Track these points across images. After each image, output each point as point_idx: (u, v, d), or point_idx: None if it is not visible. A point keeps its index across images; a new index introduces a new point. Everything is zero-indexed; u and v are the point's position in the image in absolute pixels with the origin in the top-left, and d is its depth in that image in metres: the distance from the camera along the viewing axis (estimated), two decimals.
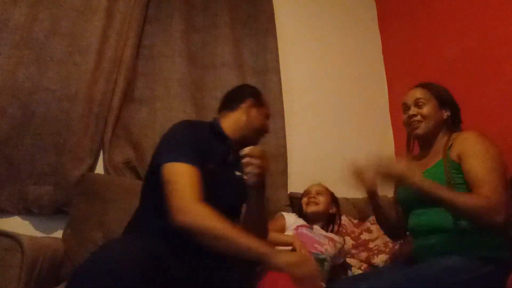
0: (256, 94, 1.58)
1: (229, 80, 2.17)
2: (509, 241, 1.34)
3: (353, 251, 1.94)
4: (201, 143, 1.30)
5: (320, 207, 1.91)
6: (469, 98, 2.00)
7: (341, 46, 2.65)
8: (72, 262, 1.55)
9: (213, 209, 1.12)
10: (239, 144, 1.43)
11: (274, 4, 2.42)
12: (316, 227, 1.85)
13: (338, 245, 1.82)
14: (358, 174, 1.44)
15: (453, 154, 1.38)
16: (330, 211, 1.94)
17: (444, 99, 1.51)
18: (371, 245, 1.93)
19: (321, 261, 1.69)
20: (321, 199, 1.93)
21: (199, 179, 1.19)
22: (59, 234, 1.70)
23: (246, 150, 1.27)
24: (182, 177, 1.18)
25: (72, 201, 1.70)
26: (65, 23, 1.88)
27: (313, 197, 1.93)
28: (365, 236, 1.98)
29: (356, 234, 1.99)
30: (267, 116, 1.58)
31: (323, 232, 1.84)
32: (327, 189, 1.99)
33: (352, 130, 2.51)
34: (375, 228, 2.01)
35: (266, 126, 1.56)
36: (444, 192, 1.26)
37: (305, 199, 1.95)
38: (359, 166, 1.43)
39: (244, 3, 2.37)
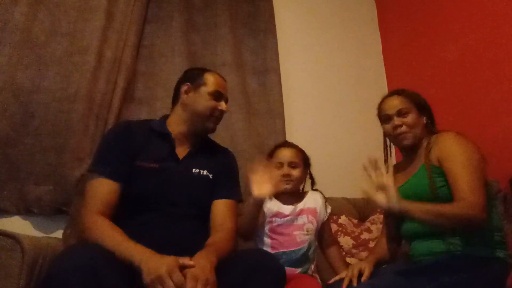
0: (193, 76, 1.42)
1: (229, 80, 2.16)
2: (509, 241, 1.34)
3: (353, 251, 1.94)
4: (135, 143, 1.34)
5: (294, 184, 1.54)
6: (469, 98, 2.01)
7: (341, 46, 2.65)
8: None
9: (102, 220, 1.18)
10: (192, 136, 1.41)
11: (274, 4, 2.42)
12: (289, 208, 1.52)
13: (319, 208, 1.56)
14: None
15: (433, 158, 1.37)
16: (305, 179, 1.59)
17: (421, 105, 1.49)
18: (371, 245, 1.93)
19: (305, 252, 1.51)
20: (295, 173, 1.54)
21: (106, 190, 1.24)
22: (59, 234, 1.70)
23: None
24: (89, 189, 1.26)
25: (72, 201, 1.69)
26: (65, 23, 1.88)
27: (287, 174, 1.52)
28: (365, 236, 1.98)
29: (356, 234, 1.99)
30: (213, 94, 1.38)
31: (299, 206, 1.54)
32: (299, 152, 1.58)
33: (352, 130, 2.51)
34: (375, 228, 2.01)
35: (214, 107, 1.37)
36: (429, 212, 1.26)
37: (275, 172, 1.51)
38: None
39: (244, 3, 2.37)
